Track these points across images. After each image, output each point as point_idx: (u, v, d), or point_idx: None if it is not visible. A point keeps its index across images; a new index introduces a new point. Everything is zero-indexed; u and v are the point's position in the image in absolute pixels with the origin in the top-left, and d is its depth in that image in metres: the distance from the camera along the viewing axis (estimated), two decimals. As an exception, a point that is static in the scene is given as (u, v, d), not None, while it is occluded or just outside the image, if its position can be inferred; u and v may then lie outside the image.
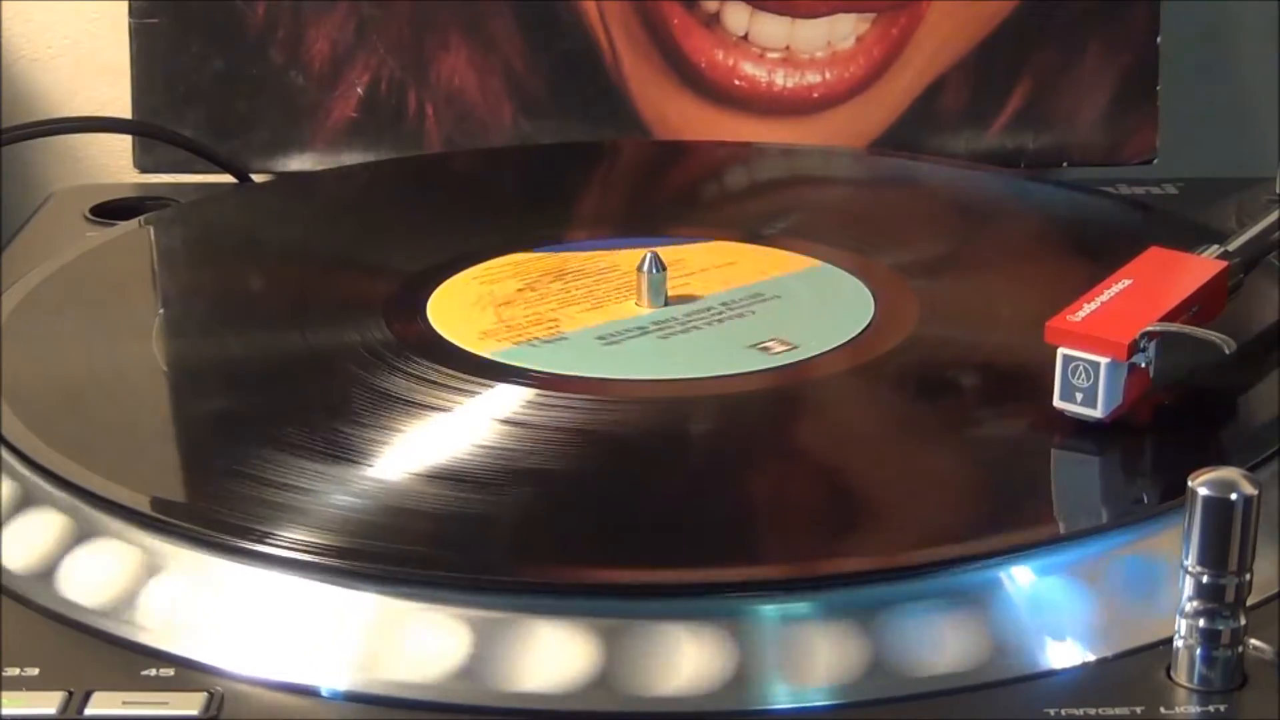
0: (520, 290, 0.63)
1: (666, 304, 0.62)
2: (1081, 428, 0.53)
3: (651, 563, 0.48)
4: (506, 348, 0.58)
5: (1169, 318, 0.54)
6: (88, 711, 0.43)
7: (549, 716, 0.44)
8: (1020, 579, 0.46)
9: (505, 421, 0.54)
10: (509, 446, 0.53)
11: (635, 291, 0.62)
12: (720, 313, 0.62)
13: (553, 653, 0.45)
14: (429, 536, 0.48)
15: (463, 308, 0.62)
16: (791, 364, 0.58)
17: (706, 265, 0.65)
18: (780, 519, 0.51)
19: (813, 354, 0.58)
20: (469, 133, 0.82)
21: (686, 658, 0.44)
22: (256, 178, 0.81)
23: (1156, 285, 0.56)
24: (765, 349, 0.59)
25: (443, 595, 0.46)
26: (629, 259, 0.64)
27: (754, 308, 0.62)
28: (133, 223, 0.72)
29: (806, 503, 0.52)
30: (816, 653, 0.45)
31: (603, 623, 0.45)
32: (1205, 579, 0.43)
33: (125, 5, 0.81)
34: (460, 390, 0.56)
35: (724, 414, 0.56)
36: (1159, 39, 0.82)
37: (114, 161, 0.87)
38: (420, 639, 0.45)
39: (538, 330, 0.60)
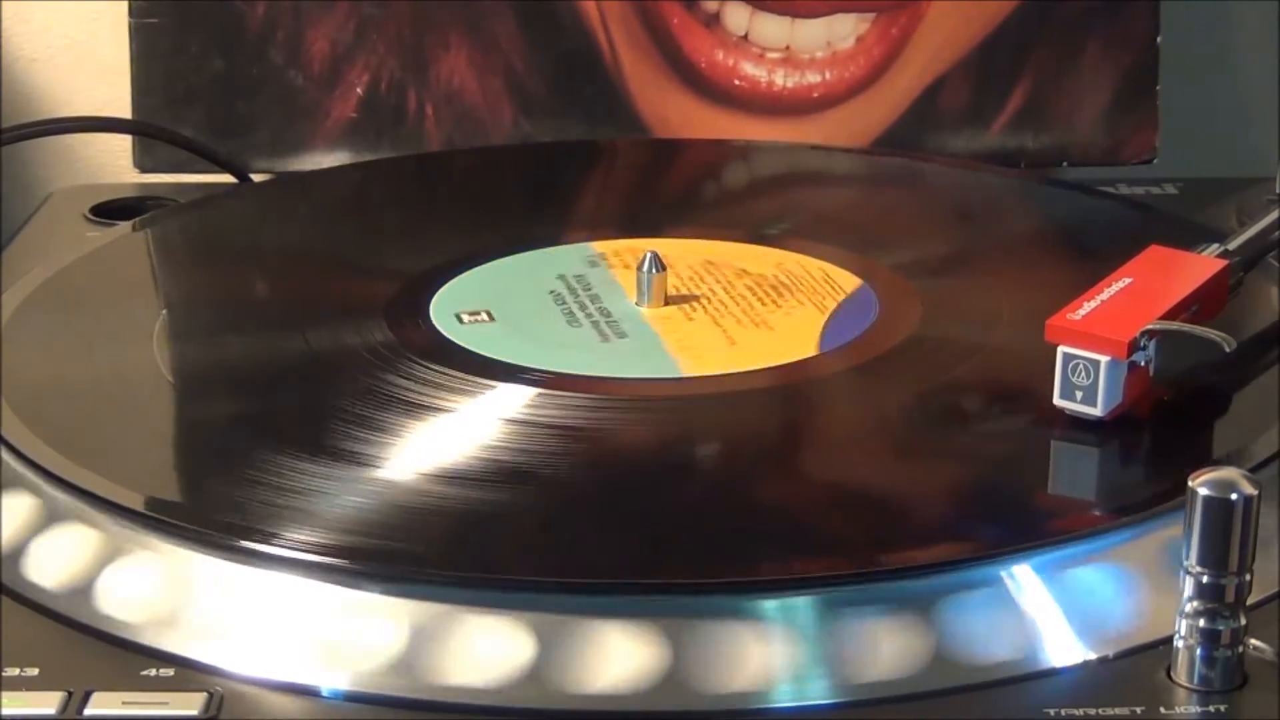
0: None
1: (666, 303, 0.62)
2: (1081, 426, 0.53)
3: (655, 563, 0.48)
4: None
5: (1169, 316, 0.54)
6: (88, 711, 0.43)
7: (552, 716, 0.44)
8: (1020, 578, 0.46)
9: (510, 421, 0.54)
10: (513, 446, 0.53)
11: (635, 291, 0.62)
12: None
13: (557, 652, 0.45)
14: (430, 536, 0.48)
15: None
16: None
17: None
18: (781, 518, 0.51)
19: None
20: (469, 133, 0.82)
21: (691, 657, 0.45)
22: (256, 178, 0.81)
23: (1157, 284, 0.56)
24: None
25: (444, 595, 0.46)
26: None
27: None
28: (133, 223, 0.72)
29: (805, 503, 0.52)
30: (814, 652, 0.45)
31: (608, 622, 0.45)
32: (1205, 579, 0.43)
33: (125, 5, 0.81)
34: (463, 391, 0.56)
35: (727, 414, 0.56)
36: (1159, 39, 0.82)
37: (114, 161, 0.87)
38: (421, 639, 0.45)
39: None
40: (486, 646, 0.45)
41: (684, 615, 0.45)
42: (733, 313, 0.61)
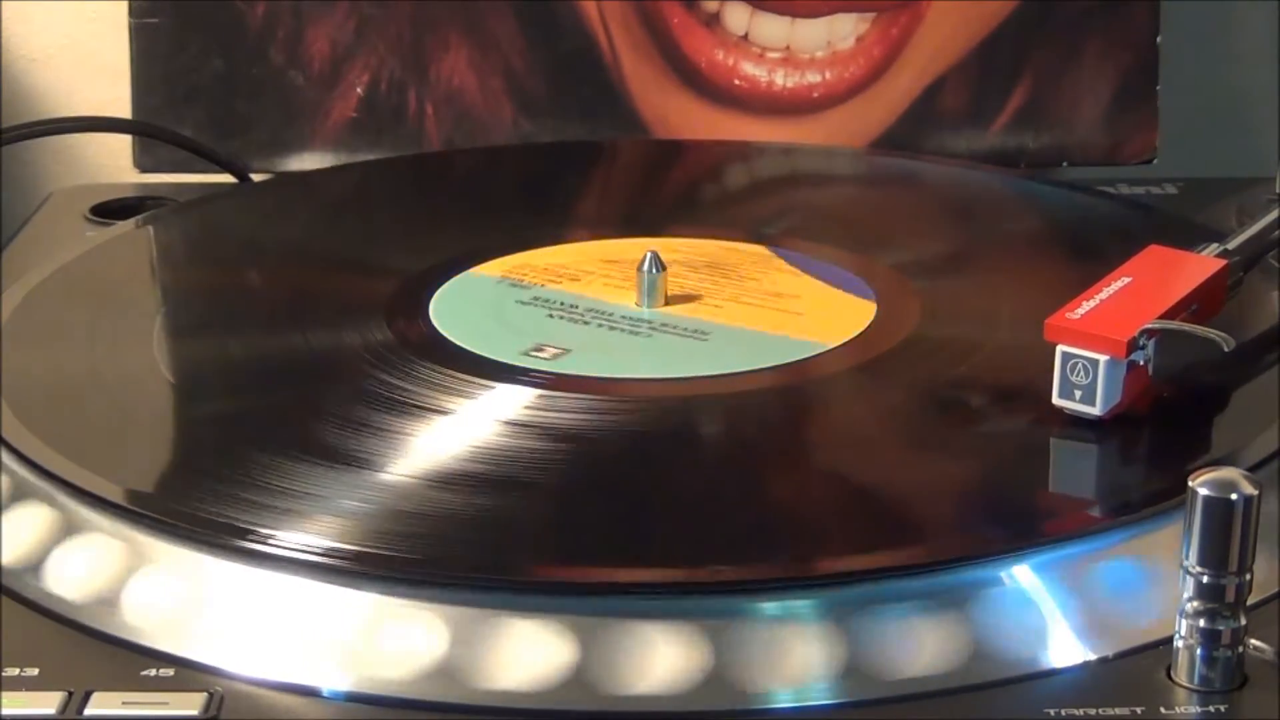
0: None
1: (667, 303, 0.62)
2: (1080, 425, 0.53)
3: (654, 562, 0.48)
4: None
5: (1168, 315, 0.54)
6: (88, 711, 0.43)
7: (552, 716, 0.44)
8: (1020, 578, 0.46)
9: (507, 423, 0.54)
10: (511, 448, 0.53)
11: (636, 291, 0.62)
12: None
13: (556, 652, 0.45)
14: (430, 537, 0.48)
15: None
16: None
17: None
18: (780, 518, 0.51)
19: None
20: (469, 133, 0.82)
21: (693, 657, 0.45)
22: (256, 178, 0.81)
23: (1156, 283, 0.56)
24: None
25: (443, 595, 0.46)
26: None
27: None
28: (132, 222, 0.72)
29: (805, 502, 0.52)
30: (814, 652, 0.45)
31: (608, 622, 0.45)
32: (1205, 579, 0.43)
33: (125, 5, 0.81)
34: (461, 392, 0.56)
35: (726, 414, 0.56)
36: (1159, 39, 0.82)
37: (114, 161, 0.87)
38: (421, 639, 0.45)
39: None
40: (487, 647, 0.45)
41: (680, 616, 0.45)
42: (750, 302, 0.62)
